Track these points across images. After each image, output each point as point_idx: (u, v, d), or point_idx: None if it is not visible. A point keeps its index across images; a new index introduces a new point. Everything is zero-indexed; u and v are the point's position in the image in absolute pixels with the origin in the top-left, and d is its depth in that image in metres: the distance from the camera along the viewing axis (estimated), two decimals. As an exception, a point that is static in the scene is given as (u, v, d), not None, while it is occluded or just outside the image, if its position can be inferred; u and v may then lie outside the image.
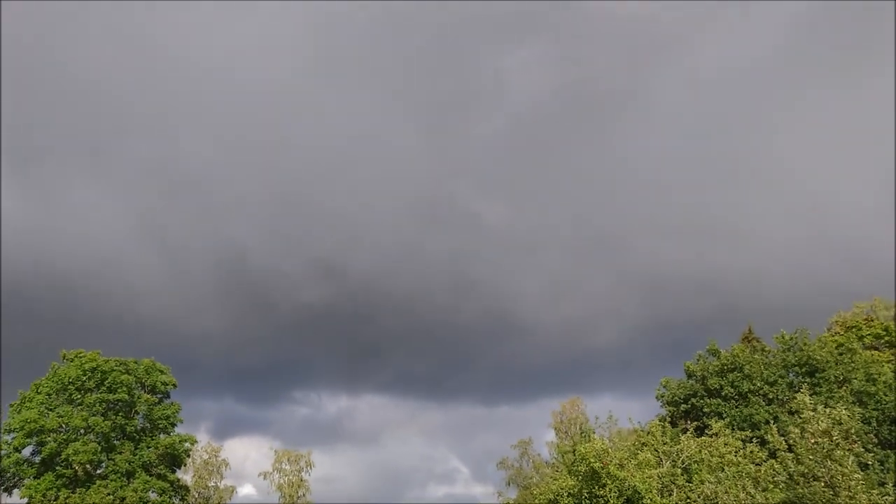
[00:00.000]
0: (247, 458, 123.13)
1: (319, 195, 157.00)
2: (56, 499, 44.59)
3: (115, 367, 53.86)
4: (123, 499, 45.72)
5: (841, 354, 47.45)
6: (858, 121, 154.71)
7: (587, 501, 35.14)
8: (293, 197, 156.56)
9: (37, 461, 51.54)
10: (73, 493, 44.74)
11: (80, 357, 53.89)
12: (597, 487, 34.87)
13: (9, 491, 52.47)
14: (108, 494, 45.64)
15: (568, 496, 35.98)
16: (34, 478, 50.49)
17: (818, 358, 46.57)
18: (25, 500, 50.30)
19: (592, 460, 34.90)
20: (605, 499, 34.43)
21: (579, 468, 35.91)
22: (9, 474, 51.76)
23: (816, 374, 46.15)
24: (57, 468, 50.62)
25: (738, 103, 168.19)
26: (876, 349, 50.38)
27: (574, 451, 38.74)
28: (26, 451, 51.89)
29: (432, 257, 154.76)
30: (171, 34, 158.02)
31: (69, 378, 52.54)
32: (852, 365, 45.85)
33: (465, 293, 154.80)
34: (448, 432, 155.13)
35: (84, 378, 52.70)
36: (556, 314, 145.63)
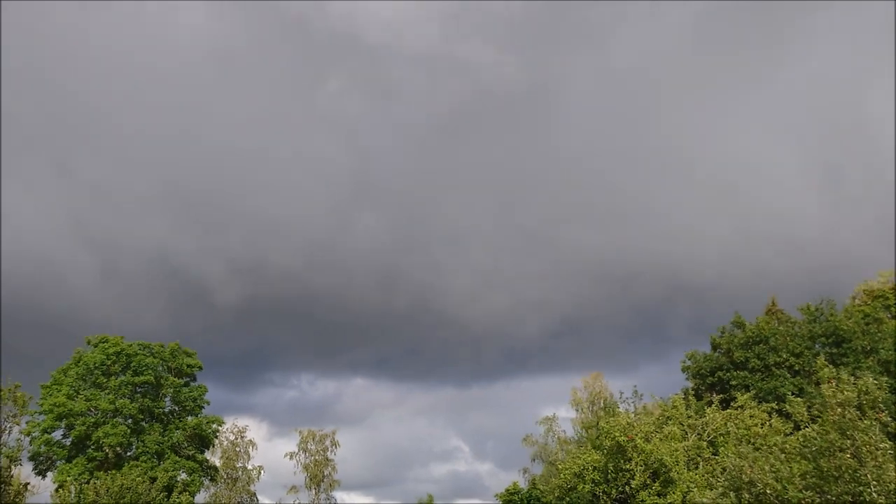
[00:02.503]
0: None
1: (234, 191, 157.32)
2: (89, 481, 45.24)
3: (139, 351, 54.48)
4: (155, 479, 46.30)
5: (868, 324, 46.94)
6: (769, 111, 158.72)
7: (612, 475, 35.16)
8: (207, 194, 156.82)
9: (67, 444, 52.31)
10: (105, 475, 45.39)
11: (105, 342, 54.53)
12: (623, 461, 34.89)
13: (42, 474, 53.30)
14: (140, 475, 46.25)
15: (594, 470, 36.02)
16: (66, 461, 51.27)
17: (844, 328, 46.11)
18: (58, 484, 51.08)
19: (618, 434, 34.89)
20: (632, 472, 34.45)
21: (604, 443, 35.92)
22: (41, 458, 52.55)
23: (843, 345, 45.72)
24: (88, 451, 51.38)
25: (653, 94, 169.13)
26: (903, 318, 49.75)
27: (598, 426, 38.70)
28: (56, 435, 52.68)
29: (355, 250, 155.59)
30: (76, 30, 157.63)
31: (94, 363, 53.21)
32: (879, 335, 45.35)
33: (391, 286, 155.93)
34: (435, 412, 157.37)
35: (109, 362, 53.35)
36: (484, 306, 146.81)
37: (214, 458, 77.25)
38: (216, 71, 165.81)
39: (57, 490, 50.77)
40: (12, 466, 55.86)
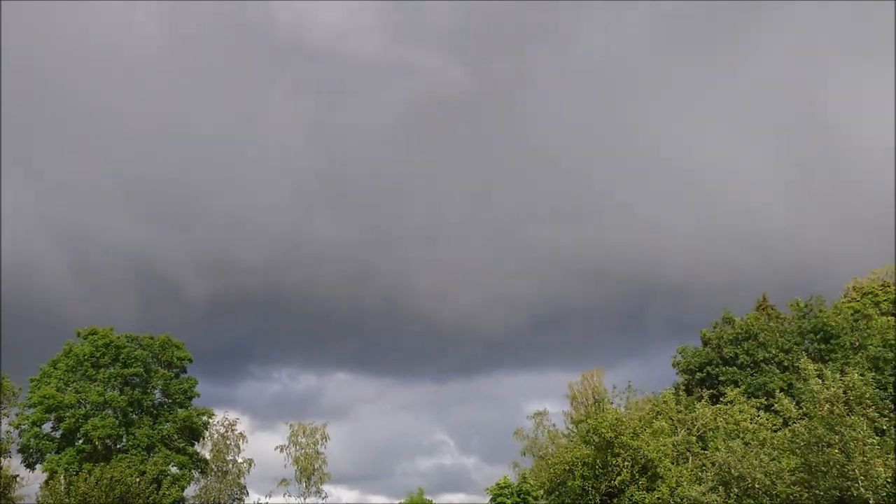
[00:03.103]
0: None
1: (200, 187, 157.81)
2: (78, 473, 45.15)
3: (128, 343, 54.25)
4: (144, 472, 46.22)
5: (857, 321, 47.12)
6: (735, 109, 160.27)
7: (601, 470, 35.28)
8: (174, 191, 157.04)
9: (57, 436, 52.14)
10: (94, 466, 45.26)
11: (94, 334, 54.32)
12: (610, 456, 35.01)
13: (31, 466, 53.14)
14: (129, 468, 46.16)
15: (582, 465, 36.13)
16: (55, 452, 51.10)
17: (833, 325, 46.28)
18: (47, 474, 50.95)
19: (605, 430, 35.00)
20: (619, 467, 34.58)
21: (593, 438, 36.03)
22: (31, 449, 52.38)
23: (832, 341, 45.89)
24: (77, 443, 51.23)
25: (620, 93, 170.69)
26: (892, 315, 49.92)
27: (587, 421, 38.82)
28: (45, 428, 52.51)
29: (325, 246, 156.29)
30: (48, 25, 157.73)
31: (84, 354, 53.01)
32: (868, 331, 45.52)
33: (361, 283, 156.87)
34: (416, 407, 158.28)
35: (98, 354, 53.15)
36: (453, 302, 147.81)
37: (204, 450, 77.15)
38: (176, 70, 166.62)
39: (46, 482, 50.66)
40: (1, 458, 55.79)
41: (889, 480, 25.09)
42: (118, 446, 52.48)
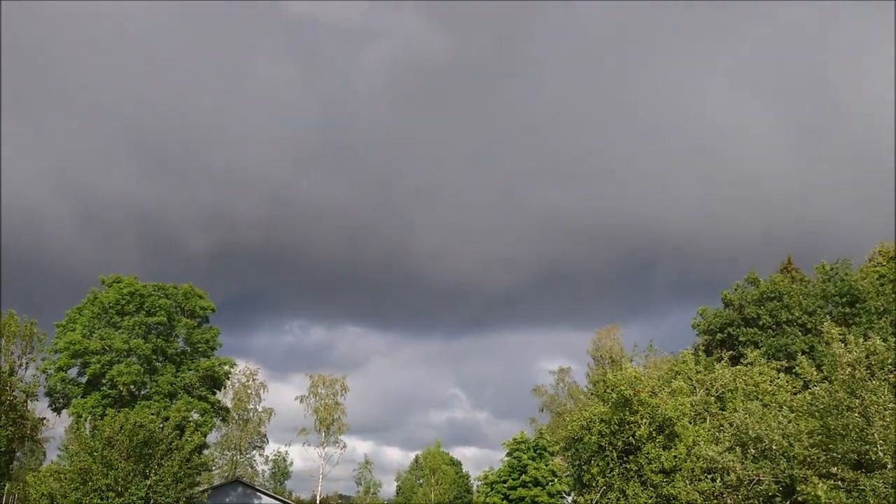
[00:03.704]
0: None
1: (200, 144, 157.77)
2: (102, 417, 45.99)
3: (153, 292, 54.80)
4: (167, 418, 47.01)
5: (882, 285, 46.57)
6: (739, 71, 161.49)
7: (618, 428, 35.37)
8: (172, 145, 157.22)
9: (82, 382, 53.08)
10: (118, 412, 46.09)
11: (119, 282, 54.91)
12: (628, 414, 35.04)
13: (58, 410, 54.25)
14: (153, 414, 46.96)
15: (600, 422, 36.21)
16: (81, 397, 52.06)
17: (859, 288, 45.78)
18: (73, 418, 52.02)
19: (624, 388, 34.99)
20: (637, 424, 34.63)
21: (611, 395, 36.06)
22: (57, 394, 53.41)
23: (857, 305, 45.44)
24: (102, 388, 52.12)
25: (623, 55, 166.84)
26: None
27: (605, 379, 38.83)
28: (71, 373, 53.45)
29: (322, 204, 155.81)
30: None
31: (109, 302, 53.66)
32: (893, 296, 45.00)
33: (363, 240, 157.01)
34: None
35: (123, 302, 53.79)
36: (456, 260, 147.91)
37: (226, 399, 78.41)
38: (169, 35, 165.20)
39: (71, 425, 51.74)
40: (29, 401, 57.03)
41: (908, 445, 24.98)
42: (142, 393, 53.37)
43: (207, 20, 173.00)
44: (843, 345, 26.83)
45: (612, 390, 35.74)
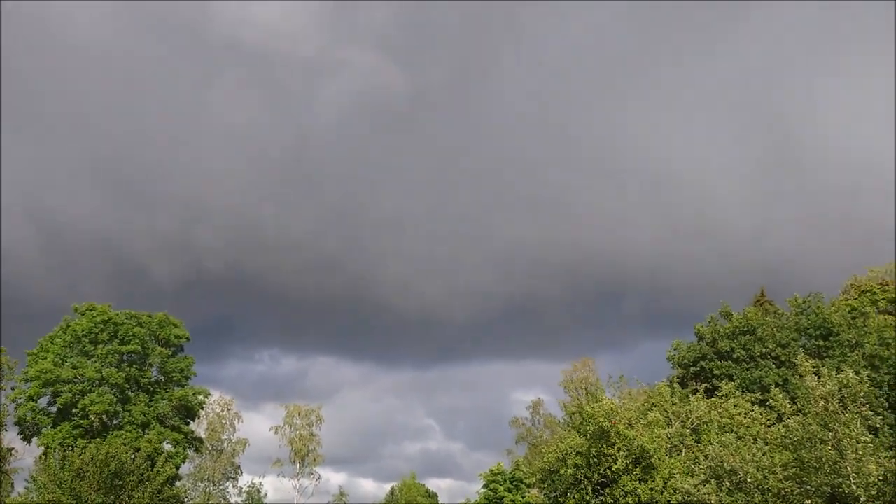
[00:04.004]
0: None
1: (162, 172, 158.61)
2: (73, 448, 45.27)
3: (126, 321, 54.34)
4: (138, 449, 46.40)
5: (854, 318, 47.16)
6: (697, 106, 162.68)
7: (594, 460, 35.34)
8: (138, 174, 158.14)
9: (53, 411, 52.30)
10: (89, 442, 45.41)
11: (92, 310, 54.37)
12: (605, 446, 35.04)
13: (27, 440, 53.34)
14: (124, 444, 46.33)
15: (576, 455, 36.18)
16: (51, 427, 51.27)
17: (832, 321, 46.31)
18: (42, 449, 51.14)
19: (601, 420, 35.03)
20: (614, 457, 34.62)
21: (588, 427, 36.06)
22: (27, 423, 52.56)
23: (829, 338, 45.93)
24: (73, 418, 51.38)
25: (583, 89, 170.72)
26: (890, 314, 50.01)
27: (581, 411, 38.86)
28: (42, 402, 52.68)
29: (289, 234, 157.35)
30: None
31: (82, 330, 53.08)
32: (865, 329, 45.57)
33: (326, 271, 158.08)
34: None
35: (96, 330, 53.23)
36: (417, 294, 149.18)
37: (199, 429, 77.39)
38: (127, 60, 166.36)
39: (41, 456, 50.83)
40: (-3, 431, 56.00)
41: (880, 479, 25.19)
42: (114, 422, 52.66)
43: (170, 49, 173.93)
44: (816, 378, 27.11)
45: (590, 422, 35.76)
